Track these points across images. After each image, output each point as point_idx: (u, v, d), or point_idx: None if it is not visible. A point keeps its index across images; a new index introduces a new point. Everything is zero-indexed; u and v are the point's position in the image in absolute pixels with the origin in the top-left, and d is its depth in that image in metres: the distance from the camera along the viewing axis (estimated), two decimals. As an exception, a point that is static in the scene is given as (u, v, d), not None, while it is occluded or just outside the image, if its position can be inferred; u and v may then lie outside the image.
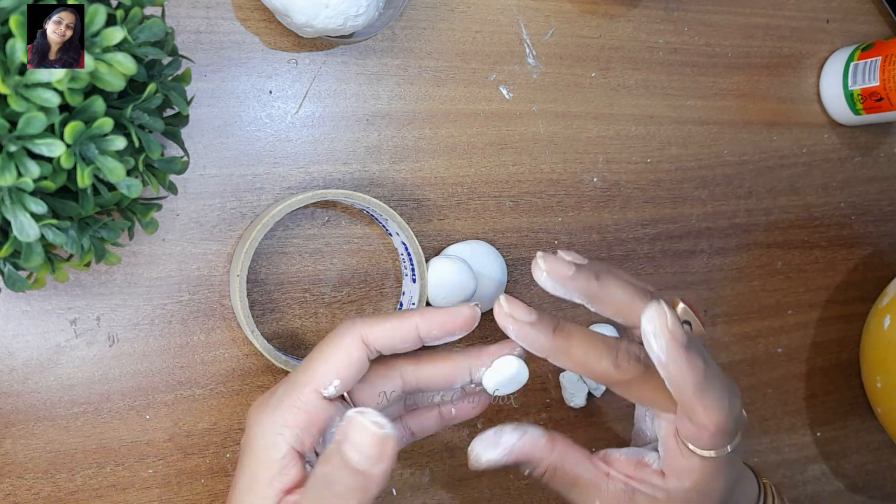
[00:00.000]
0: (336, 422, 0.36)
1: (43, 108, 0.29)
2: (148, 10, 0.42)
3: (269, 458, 0.34)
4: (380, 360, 0.38)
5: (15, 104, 0.28)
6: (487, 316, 0.51)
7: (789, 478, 0.60)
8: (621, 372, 0.37)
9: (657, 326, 0.34)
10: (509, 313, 0.36)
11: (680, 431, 0.37)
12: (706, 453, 0.37)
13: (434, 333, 0.37)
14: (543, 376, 0.52)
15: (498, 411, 0.51)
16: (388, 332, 0.36)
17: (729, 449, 0.37)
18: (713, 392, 0.35)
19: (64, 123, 0.29)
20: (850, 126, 0.60)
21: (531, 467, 0.40)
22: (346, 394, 0.37)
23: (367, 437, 0.31)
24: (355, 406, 0.36)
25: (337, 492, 0.32)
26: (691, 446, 0.37)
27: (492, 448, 0.39)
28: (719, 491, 0.38)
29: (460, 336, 0.37)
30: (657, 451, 0.40)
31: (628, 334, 0.39)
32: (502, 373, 0.39)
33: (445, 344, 0.39)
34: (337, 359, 0.36)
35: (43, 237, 0.31)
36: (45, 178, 0.30)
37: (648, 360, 0.36)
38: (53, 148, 0.29)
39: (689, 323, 0.41)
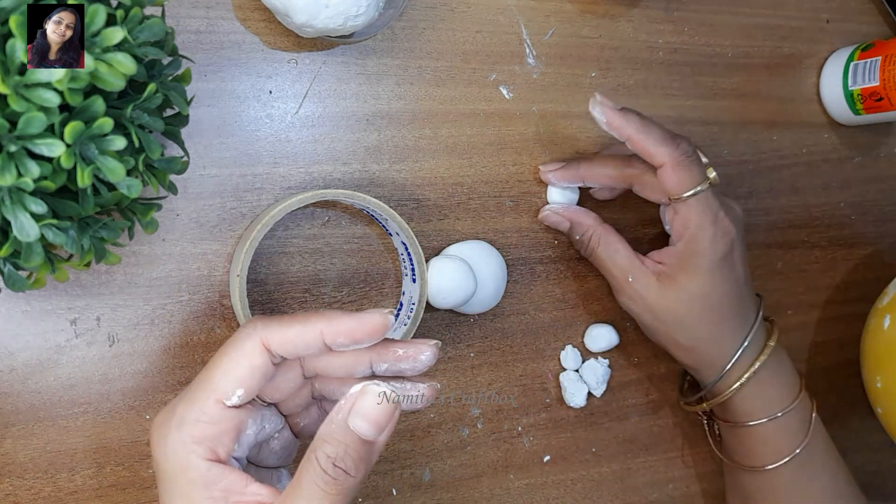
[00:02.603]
0: (263, 421, 0.36)
1: (43, 108, 0.29)
2: (148, 10, 0.42)
3: (191, 479, 0.33)
4: None
5: (15, 104, 0.28)
6: (485, 315, 0.51)
7: (789, 478, 0.60)
8: (634, 167, 0.47)
9: (593, 105, 0.45)
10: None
11: (663, 185, 0.45)
12: (685, 195, 0.45)
13: (340, 340, 0.35)
14: (543, 376, 0.52)
15: (498, 411, 0.51)
16: (291, 338, 0.35)
17: (699, 188, 0.45)
18: (655, 131, 0.44)
19: (64, 123, 0.29)
20: (850, 126, 0.60)
21: (582, 231, 0.49)
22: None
23: (380, 408, 0.32)
24: (263, 402, 0.37)
25: (347, 466, 0.32)
26: (672, 197, 0.45)
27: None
28: (716, 243, 0.45)
29: (369, 344, 0.36)
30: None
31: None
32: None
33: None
34: (238, 367, 0.34)
35: (43, 237, 0.31)
36: (45, 178, 0.30)
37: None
38: (53, 148, 0.29)
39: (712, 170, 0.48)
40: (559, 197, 0.51)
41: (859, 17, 0.61)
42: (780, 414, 0.48)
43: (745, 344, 0.47)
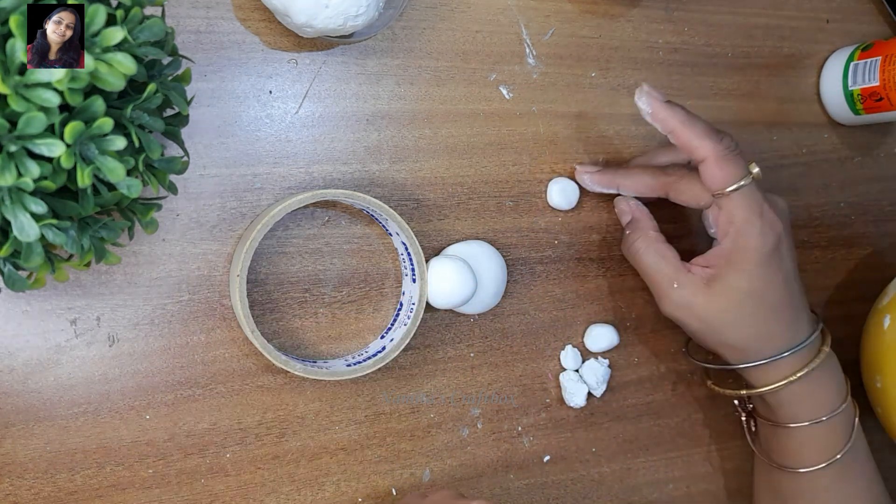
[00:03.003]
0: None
1: (43, 108, 0.29)
2: (148, 10, 0.42)
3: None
4: None
5: (15, 104, 0.28)
6: (485, 315, 0.51)
7: (789, 478, 0.60)
8: (669, 175, 0.48)
9: (639, 96, 0.45)
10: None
11: (705, 181, 0.45)
12: (728, 189, 0.44)
13: None
14: (543, 376, 0.52)
15: (498, 411, 0.51)
16: None
17: (743, 182, 0.44)
18: (699, 125, 0.44)
19: (64, 123, 0.29)
20: (850, 126, 0.60)
21: (636, 230, 0.49)
22: None
23: None
24: None
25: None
26: (715, 192, 0.45)
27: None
28: (765, 236, 0.45)
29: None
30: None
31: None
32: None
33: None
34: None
35: (43, 237, 0.31)
36: (45, 178, 0.30)
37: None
38: (53, 148, 0.29)
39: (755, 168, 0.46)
40: (559, 198, 0.51)
41: (859, 17, 0.61)
42: (824, 418, 0.47)
43: (799, 347, 0.46)
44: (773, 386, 0.47)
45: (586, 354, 0.53)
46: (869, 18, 0.61)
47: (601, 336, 0.52)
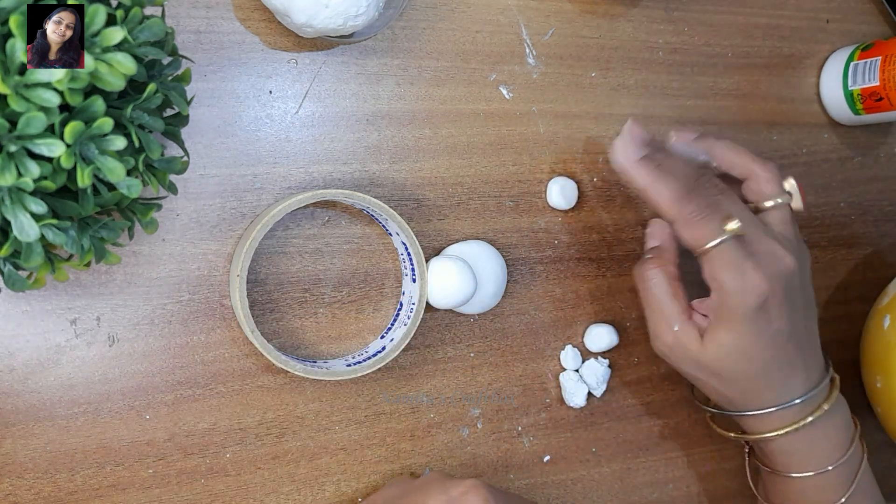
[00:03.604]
0: None
1: (43, 108, 0.29)
2: (148, 10, 0.42)
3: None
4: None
5: (15, 104, 0.28)
6: (485, 315, 0.51)
7: (789, 478, 0.60)
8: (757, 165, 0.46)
9: (612, 155, 0.44)
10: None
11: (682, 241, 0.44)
12: (703, 248, 0.43)
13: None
14: (543, 376, 0.52)
15: (498, 411, 0.51)
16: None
17: (716, 242, 0.42)
18: (665, 188, 0.43)
19: (64, 123, 0.29)
20: (850, 126, 0.60)
21: (656, 254, 0.48)
22: None
23: None
24: None
25: None
26: (694, 253, 0.44)
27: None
28: (745, 297, 0.43)
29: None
30: None
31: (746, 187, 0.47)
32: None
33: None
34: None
35: (43, 237, 0.31)
36: (45, 178, 0.30)
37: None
38: (53, 148, 0.29)
39: (790, 194, 0.46)
40: (559, 198, 0.51)
41: (859, 17, 0.61)
42: (830, 468, 0.46)
43: (788, 405, 0.45)
44: (765, 435, 0.46)
45: (586, 354, 0.53)
46: (869, 18, 0.61)
47: (601, 336, 0.52)
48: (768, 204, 0.45)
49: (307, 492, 0.47)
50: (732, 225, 0.42)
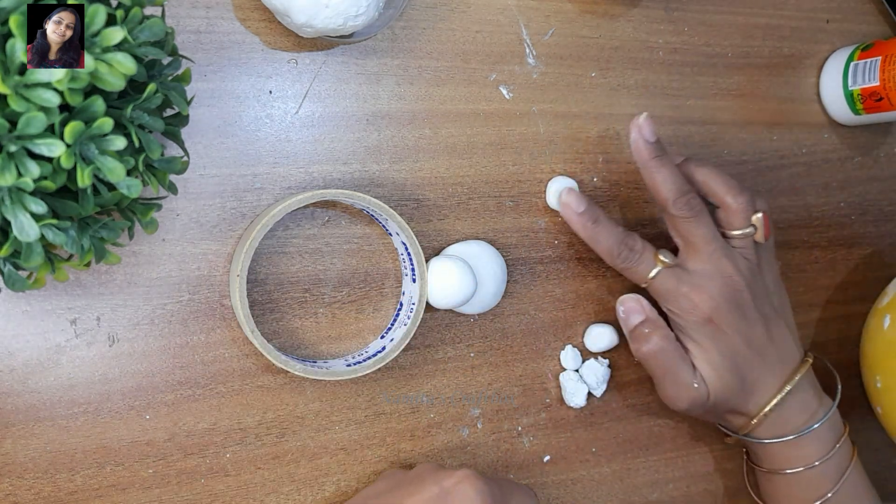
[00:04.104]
0: None
1: (43, 108, 0.29)
2: (148, 10, 0.42)
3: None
4: None
5: (15, 104, 0.28)
6: (485, 315, 0.51)
7: (789, 478, 0.60)
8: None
9: (557, 202, 0.50)
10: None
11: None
12: (649, 278, 0.48)
13: None
14: (543, 376, 0.52)
15: (498, 411, 0.51)
16: None
17: (652, 276, 0.48)
18: (603, 235, 0.48)
19: (64, 123, 0.29)
20: (850, 126, 0.60)
21: (649, 326, 0.50)
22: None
23: None
24: None
25: None
26: (642, 284, 0.49)
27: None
28: (690, 315, 0.48)
29: None
30: None
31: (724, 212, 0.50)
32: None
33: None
34: None
35: (43, 237, 0.31)
36: (45, 178, 0.30)
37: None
38: (53, 148, 0.29)
39: (755, 227, 0.49)
40: (558, 200, 0.51)
41: (859, 17, 0.61)
42: (817, 463, 0.49)
43: (754, 400, 0.49)
44: (748, 427, 0.50)
45: (586, 354, 0.53)
46: (869, 18, 0.61)
47: (601, 336, 0.52)
48: (734, 233, 0.49)
49: (307, 492, 0.47)
50: (663, 258, 0.48)
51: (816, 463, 0.49)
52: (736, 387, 0.48)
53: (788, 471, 0.49)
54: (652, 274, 0.48)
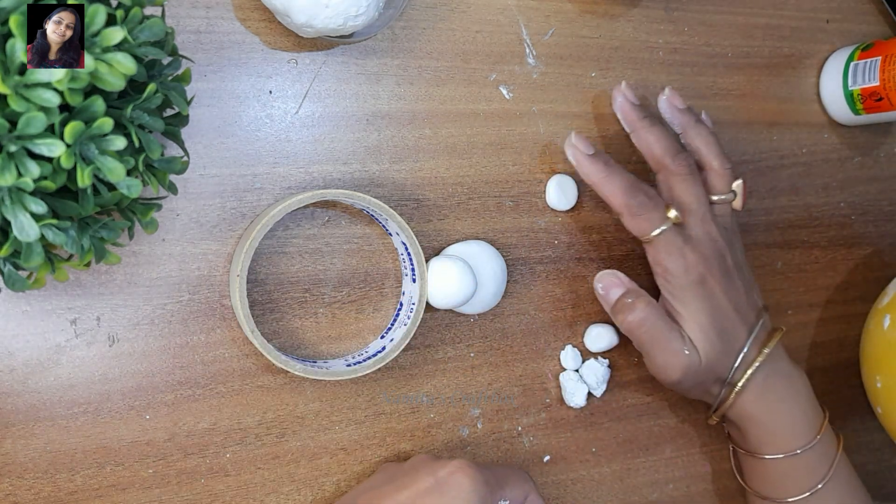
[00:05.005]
0: None
1: (43, 108, 0.29)
2: (148, 10, 0.42)
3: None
4: None
5: (15, 104, 0.28)
6: (485, 315, 0.51)
7: (789, 478, 0.60)
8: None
9: (567, 145, 0.48)
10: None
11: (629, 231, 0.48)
12: (648, 237, 0.47)
13: None
14: (543, 376, 0.52)
15: (498, 411, 0.51)
16: None
17: (661, 229, 0.47)
18: (616, 180, 0.47)
19: (64, 123, 0.29)
20: (850, 126, 0.60)
21: (633, 296, 0.49)
22: None
23: None
24: None
25: None
26: (640, 239, 0.48)
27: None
28: (688, 272, 0.47)
29: None
30: None
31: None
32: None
33: None
34: None
35: (43, 237, 0.31)
36: (45, 178, 0.30)
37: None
38: (53, 148, 0.29)
39: (734, 192, 0.50)
40: (558, 198, 0.51)
41: (859, 17, 0.61)
42: (798, 451, 0.49)
43: (735, 365, 0.49)
44: (728, 400, 0.49)
45: (586, 354, 0.53)
46: (869, 18, 0.61)
47: (601, 336, 0.52)
48: (714, 197, 0.49)
49: (307, 492, 0.47)
50: (672, 214, 0.47)
51: (798, 451, 0.49)
52: (722, 350, 0.48)
53: (768, 456, 0.49)
54: (661, 229, 0.47)
